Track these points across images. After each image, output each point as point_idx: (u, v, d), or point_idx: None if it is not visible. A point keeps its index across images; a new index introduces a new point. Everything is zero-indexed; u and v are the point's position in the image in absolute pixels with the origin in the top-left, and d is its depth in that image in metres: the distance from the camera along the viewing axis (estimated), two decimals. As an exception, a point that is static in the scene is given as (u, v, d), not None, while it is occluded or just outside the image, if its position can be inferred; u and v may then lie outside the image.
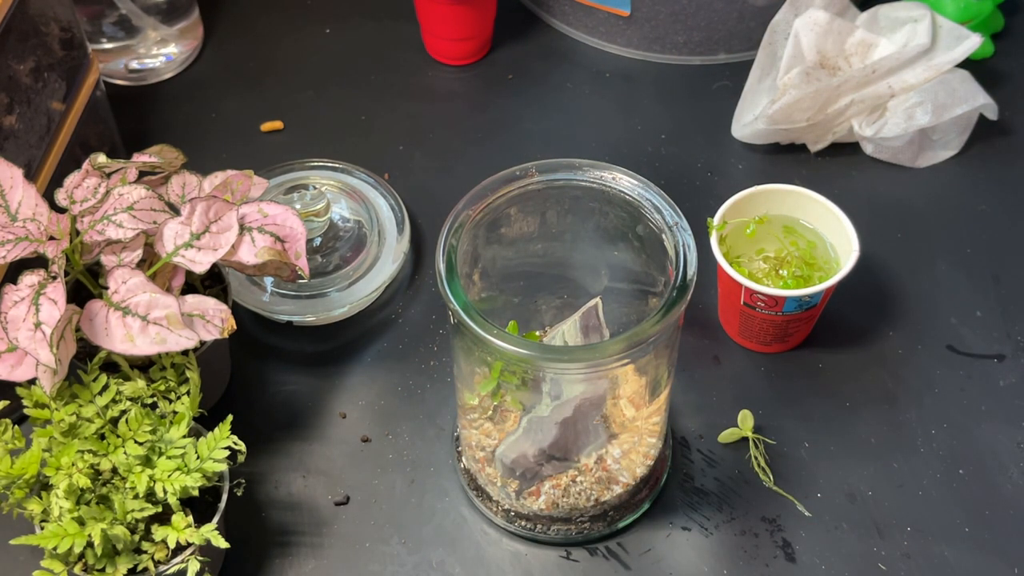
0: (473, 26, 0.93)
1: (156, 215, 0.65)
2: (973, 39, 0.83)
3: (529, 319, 0.72)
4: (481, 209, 0.62)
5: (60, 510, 0.59)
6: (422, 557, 0.68)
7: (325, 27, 0.99)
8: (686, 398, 0.75)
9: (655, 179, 0.64)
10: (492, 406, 0.67)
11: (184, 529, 0.61)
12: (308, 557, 0.68)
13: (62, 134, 0.77)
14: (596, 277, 0.69)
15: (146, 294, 0.62)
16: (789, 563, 0.68)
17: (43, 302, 0.61)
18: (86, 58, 0.80)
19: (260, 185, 0.71)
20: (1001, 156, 0.87)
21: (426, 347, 0.78)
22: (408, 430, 0.74)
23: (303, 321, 0.78)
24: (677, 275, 0.59)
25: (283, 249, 0.66)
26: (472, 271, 0.65)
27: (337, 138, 0.90)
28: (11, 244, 0.62)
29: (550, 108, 0.92)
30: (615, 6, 0.93)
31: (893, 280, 0.80)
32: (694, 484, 0.71)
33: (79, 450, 0.61)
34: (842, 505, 0.70)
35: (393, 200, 0.83)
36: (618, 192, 0.63)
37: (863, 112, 0.84)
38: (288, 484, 0.71)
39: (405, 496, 0.71)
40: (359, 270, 0.79)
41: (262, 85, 0.95)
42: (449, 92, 0.94)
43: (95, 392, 0.63)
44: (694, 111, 0.91)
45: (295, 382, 0.76)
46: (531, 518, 0.68)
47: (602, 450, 0.67)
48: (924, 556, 0.68)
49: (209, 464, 0.62)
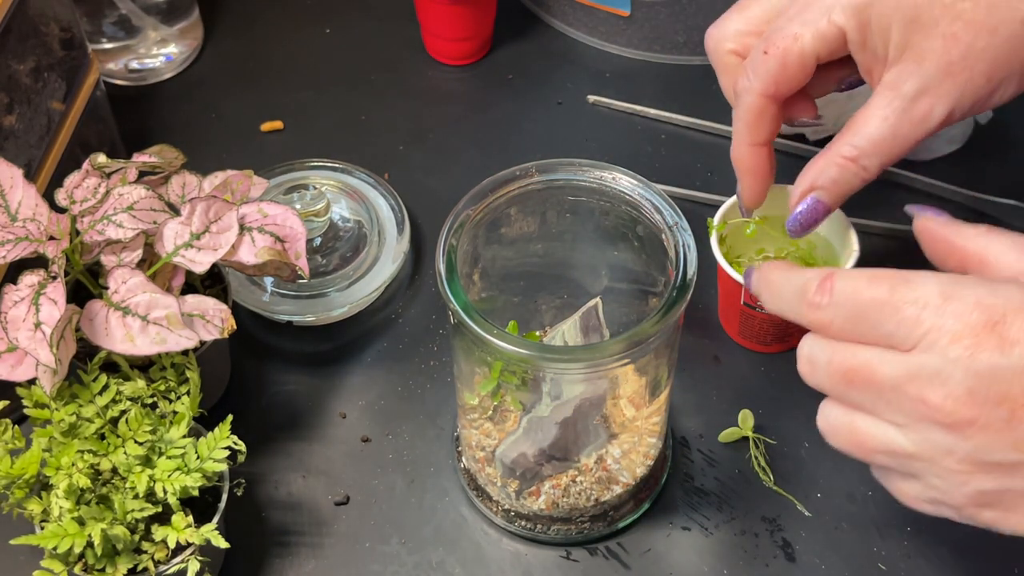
0: (473, 26, 0.93)
1: (156, 215, 0.65)
2: None
3: (529, 319, 0.72)
4: (481, 209, 0.62)
5: (60, 510, 0.59)
6: (422, 557, 0.68)
7: (325, 27, 0.99)
8: (686, 398, 0.75)
9: (655, 179, 0.64)
10: (492, 406, 0.67)
11: (184, 529, 0.61)
12: (308, 557, 0.68)
13: (62, 134, 0.77)
14: (596, 277, 0.69)
15: (146, 294, 0.62)
16: (789, 563, 0.68)
17: (43, 302, 0.61)
18: (86, 58, 0.81)
19: (260, 185, 0.71)
20: (1001, 152, 0.87)
21: (426, 347, 0.78)
22: (408, 430, 0.74)
23: (303, 321, 0.78)
24: (677, 275, 0.59)
25: (283, 249, 0.66)
26: (472, 271, 0.65)
27: (337, 138, 0.90)
28: (11, 244, 0.62)
29: (550, 108, 0.92)
30: (615, 6, 0.93)
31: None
32: (694, 484, 0.71)
33: (79, 450, 0.61)
34: (842, 505, 0.70)
35: (393, 200, 0.83)
36: (618, 192, 0.63)
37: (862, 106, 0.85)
38: (288, 484, 0.72)
39: (405, 496, 0.71)
40: (359, 270, 0.79)
41: (262, 85, 0.95)
42: (449, 92, 0.94)
43: (95, 392, 0.63)
44: (694, 111, 0.91)
45: (295, 382, 0.76)
46: (531, 518, 0.68)
47: (602, 450, 0.67)
48: (924, 556, 0.68)
49: (209, 464, 0.62)
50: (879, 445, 0.54)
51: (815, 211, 0.63)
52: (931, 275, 0.52)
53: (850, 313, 0.53)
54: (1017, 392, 0.50)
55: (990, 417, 0.50)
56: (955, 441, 0.51)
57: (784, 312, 0.56)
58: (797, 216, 0.64)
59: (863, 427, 0.54)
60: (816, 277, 0.54)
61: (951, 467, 0.52)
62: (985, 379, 0.50)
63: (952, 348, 0.50)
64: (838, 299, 0.53)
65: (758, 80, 0.63)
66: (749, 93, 0.64)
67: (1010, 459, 0.51)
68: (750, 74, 0.63)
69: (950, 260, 0.57)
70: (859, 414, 0.54)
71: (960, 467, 0.52)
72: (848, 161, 0.61)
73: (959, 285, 0.51)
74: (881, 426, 0.54)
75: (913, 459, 0.53)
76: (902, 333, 0.51)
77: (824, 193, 0.62)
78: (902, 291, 0.52)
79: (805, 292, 0.54)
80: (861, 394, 0.54)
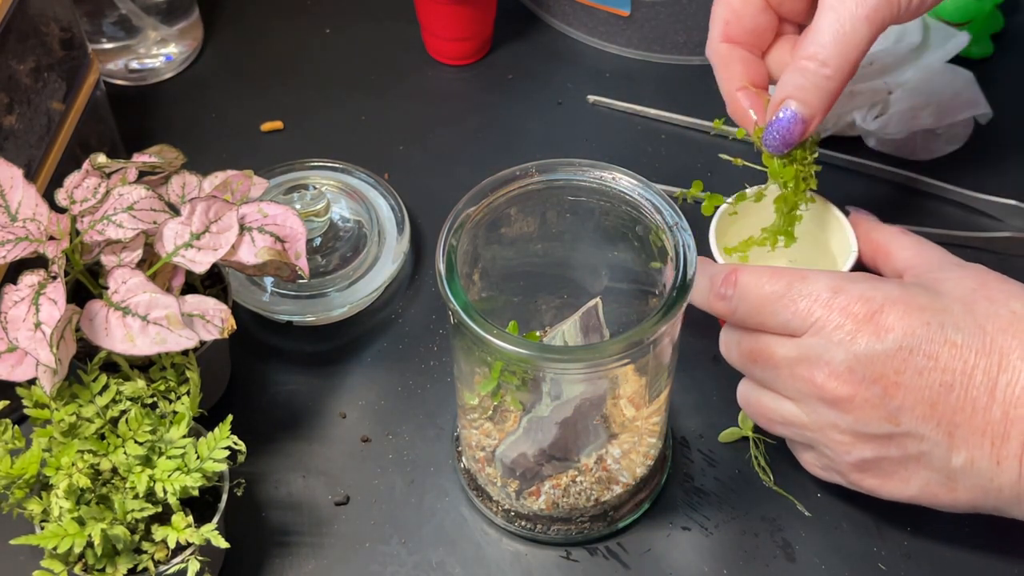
0: (473, 26, 0.93)
1: (156, 215, 0.65)
2: (961, 37, 0.85)
3: (529, 319, 0.72)
4: (481, 209, 0.62)
5: (60, 510, 0.59)
6: (422, 557, 0.68)
7: (325, 27, 0.99)
8: (686, 398, 0.75)
9: (655, 179, 0.64)
10: (492, 406, 0.67)
11: (184, 529, 0.61)
12: (308, 557, 0.68)
13: (62, 134, 0.77)
14: (596, 277, 0.69)
15: (146, 294, 0.62)
16: (789, 563, 0.68)
17: (43, 302, 0.61)
18: (86, 58, 0.81)
19: (260, 185, 0.71)
20: (1001, 152, 0.87)
21: (426, 347, 0.78)
22: (408, 430, 0.74)
23: (303, 321, 0.78)
24: (677, 275, 0.59)
25: (283, 249, 0.66)
26: (472, 271, 0.65)
27: (337, 138, 0.90)
28: (11, 244, 0.62)
29: (550, 108, 0.92)
30: (615, 6, 0.93)
31: (893, 280, 0.80)
32: (694, 484, 0.71)
33: (79, 450, 0.61)
34: (842, 505, 0.70)
35: (393, 200, 0.83)
36: (618, 192, 0.63)
37: (863, 106, 0.85)
38: (288, 484, 0.72)
39: (405, 496, 0.71)
40: (359, 270, 0.79)
41: (262, 85, 0.95)
42: (449, 92, 0.94)
43: (95, 392, 0.63)
44: (694, 111, 0.91)
45: (295, 382, 0.76)
46: (531, 518, 0.68)
47: (602, 450, 0.67)
48: (924, 556, 0.68)
49: (209, 464, 0.62)
50: (779, 417, 0.63)
51: (790, 121, 0.64)
52: (824, 273, 0.61)
53: (752, 304, 0.61)
54: (890, 372, 0.58)
55: (866, 394, 0.58)
56: (838, 415, 0.60)
57: (697, 302, 0.65)
58: (772, 127, 0.65)
59: (766, 402, 0.64)
60: (722, 271, 0.62)
61: (835, 438, 0.61)
62: (862, 360, 0.58)
63: (835, 333, 0.59)
64: (741, 292, 0.62)
65: (713, 28, 0.69)
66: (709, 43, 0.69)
67: (884, 430, 0.59)
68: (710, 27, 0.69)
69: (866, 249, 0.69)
70: (764, 390, 0.64)
71: (843, 438, 0.61)
72: (808, 61, 0.63)
73: (847, 280, 0.60)
74: (781, 401, 0.63)
75: (806, 429, 0.62)
76: (796, 322, 0.60)
77: (796, 103, 0.64)
78: (798, 287, 0.60)
79: (713, 284, 0.63)
80: (763, 372, 0.62)
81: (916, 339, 0.58)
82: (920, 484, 0.61)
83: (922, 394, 0.58)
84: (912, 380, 0.58)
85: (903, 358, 0.58)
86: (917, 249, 0.66)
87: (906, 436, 0.59)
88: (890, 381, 0.58)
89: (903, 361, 0.58)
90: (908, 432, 0.59)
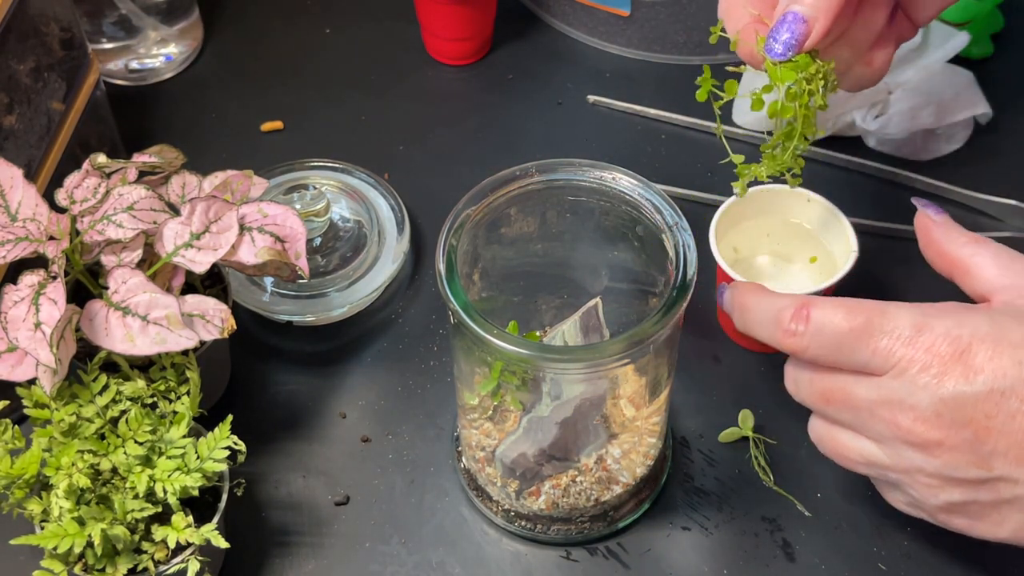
0: (473, 26, 0.93)
1: (156, 215, 0.65)
2: (961, 37, 0.84)
3: (529, 319, 0.72)
4: (481, 209, 0.62)
5: (60, 510, 0.59)
6: (422, 557, 0.68)
7: (325, 27, 0.99)
8: (686, 398, 0.75)
9: (655, 179, 0.64)
10: (492, 406, 0.67)
11: (184, 529, 0.61)
12: (308, 557, 0.68)
13: (62, 134, 0.77)
14: (596, 277, 0.69)
15: (146, 294, 0.62)
16: (789, 563, 0.68)
17: (43, 302, 0.61)
18: (86, 58, 0.81)
19: (260, 185, 0.71)
20: (1001, 152, 0.87)
21: (426, 347, 0.78)
22: (408, 430, 0.74)
23: (303, 321, 0.78)
24: (677, 275, 0.59)
25: (283, 249, 0.66)
26: (472, 271, 0.65)
27: (337, 138, 0.90)
28: (11, 244, 0.62)
29: (550, 108, 0.92)
30: (615, 6, 0.93)
31: (892, 280, 0.80)
32: (694, 484, 0.71)
33: (79, 450, 0.61)
34: (842, 505, 0.70)
35: (393, 200, 0.83)
36: (618, 192, 0.63)
37: (863, 106, 0.85)
38: (288, 484, 0.72)
39: (405, 496, 0.71)
40: (359, 270, 0.79)
41: (262, 85, 0.95)
42: (449, 92, 0.94)
43: (95, 392, 0.63)
44: (694, 111, 0.91)
45: (295, 382, 0.76)
46: (531, 518, 0.68)
47: (602, 450, 0.67)
48: (924, 556, 0.68)
49: (209, 464, 0.62)
50: (859, 457, 0.59)
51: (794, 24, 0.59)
52: (905, 307, 0.56)
53: (827, 341, 0.57)
54: (980, 416, 0.54)
55: (956, 438, 0.55)
56: (925, 459, 0.56)
57: (758, 335, 0.60)
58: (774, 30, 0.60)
59: (845, 441, 0.59)
60: (791, 305, 0.58)
61: (922, 480, 0.57)
62: (951, 404, 0.54)
63: (920, 376, 0.55)
64: (814, 328, 0.57)
65: None
66: None
67: (974, 475, 0.55)
68: None
69: (939, 262, 0.62)
70: (841, 429, 0.59)
71: (930, 481, 0.57)
72: None
73: (931, 316, 0.56)
74: (861, 441, 0.58)
75: (890, 471, 0.58)
76: (877, 362, 0.56)
77: (800, 6, 0.59)
78: (878, 322, 0.56)
79: (780, 319, 0.58)
80: (840, 413, 0.58)
81: (1008, 380, 0.54)
82: (1014, 527, 0.57)
83: (1015, 438, 0.54)
84: (1004, 424, 0.54)
85: (995, 401, 0.54)
86: (1002, 267, 0.60)
87: (999, 480, 0.55)
88: (981, 426, 0.54)
89: (995, 405, 0.54)
90: (1001, 477, 0.55)
